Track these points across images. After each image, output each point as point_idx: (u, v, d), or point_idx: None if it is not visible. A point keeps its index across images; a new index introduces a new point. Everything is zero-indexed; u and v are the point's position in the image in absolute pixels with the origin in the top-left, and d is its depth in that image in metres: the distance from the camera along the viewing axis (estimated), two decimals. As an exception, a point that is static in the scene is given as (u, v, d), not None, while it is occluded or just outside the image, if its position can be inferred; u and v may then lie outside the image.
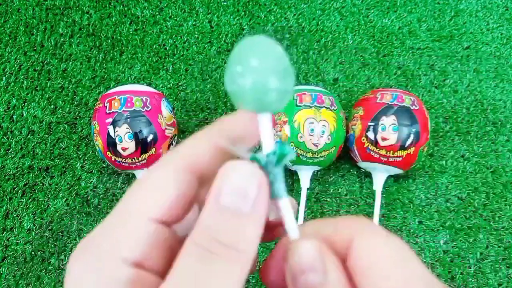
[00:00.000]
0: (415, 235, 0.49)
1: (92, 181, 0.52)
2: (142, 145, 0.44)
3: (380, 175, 0.48)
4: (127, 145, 0.44)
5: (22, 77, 0.57)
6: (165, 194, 0.15)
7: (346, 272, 0.15)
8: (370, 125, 0.46)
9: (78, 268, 0.14)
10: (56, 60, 0.58)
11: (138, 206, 0.15)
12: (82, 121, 0.55)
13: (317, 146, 0.45)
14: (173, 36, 0.60)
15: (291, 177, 0.52)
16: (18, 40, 0.59)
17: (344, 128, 0.48)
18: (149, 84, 0.56)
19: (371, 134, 0.46)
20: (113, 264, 0.14)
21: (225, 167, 0.15)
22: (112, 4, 0.62)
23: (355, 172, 0.52)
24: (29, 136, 0.54)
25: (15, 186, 0.52)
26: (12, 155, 0.53)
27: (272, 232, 0.18)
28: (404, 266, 0.14)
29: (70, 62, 0.58)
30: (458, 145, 0.53)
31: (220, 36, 0.59)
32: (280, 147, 0.16)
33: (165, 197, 0.15)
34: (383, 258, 0.15)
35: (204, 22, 0.60)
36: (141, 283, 0.14)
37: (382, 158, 0.46)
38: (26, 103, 0.56)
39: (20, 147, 0.53)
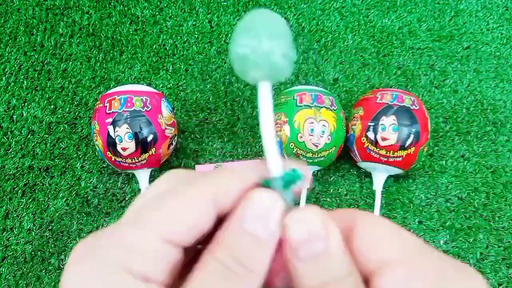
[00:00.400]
0: (415, 235, 0.49)
1: (92, 181, 0.52)
2: (142, 145, 0.44)
3: (380, 175, 0.48)
4: (127, 145, 0.44)
5: (22, 77, 0.57)
6: (188, 221, 0.16)
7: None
8: (370, 125, 0.46)
9: (78, 272, 0.14)
10: (56, 60, 0.58)
11: (158, 224, 0.15)
12: (82, 121, 0.55)
13: (317, 146, 0.45)
14: (173, 36, 0.60)
15: (291, 177, 0.52)
16: (18, 40, 0.59)
17: (344, 128, 0.48)
18: (149, 84, 0.56)
19: (371, 134, 0.46)
20: (120, 276, 0.14)
21: (252, 194, 0.16)
22: (112, 4, 0.62)
23: (355, 172, 0.52)
24: (29, 136, 0.54)
25: (15, 186, 0.52)
26: (12, 155, 0.53)
27: None
28: (402, 239, 0.17)
29: (70, 62, 0.58)
30: (458, 145, 0.53)
31: (220, 36, 0.59)
32: (289, 174, 0.17)
33: (187, 224, 0.16)
34: (384, 234, 0.17)
35: (204, 22, 0.60)
36: None
37: (382, 158, 0.46)
38: (26, 103, 0.56)
39: (20, 147, 0.53)
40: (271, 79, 0.17)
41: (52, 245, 0.49)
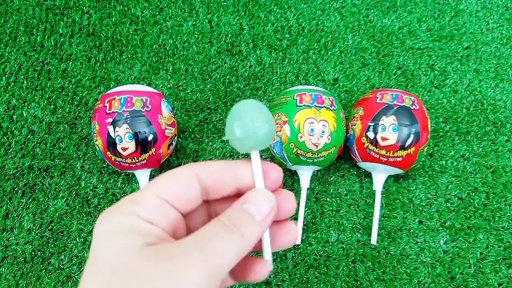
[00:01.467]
0: (415, 235, 0.49)
1: (92, 181, 0.52)
2: (142, 145, 0.44)
3: (380, 175, 0.48)
4: (127, 145, 0.44)
5: (22, 77, 0.57)
6: (175, 187, 0.21)
7: None
8: (370, 125, 0.46)
9: (103, 223, 0.20)
10: (56, 60, 0.58)
11: (155, 188, 0.21)
12: (82, 121, 0.55)
13: (317, 146, 0.45)
14: (173, 36, 0.60)
15: (291, 177, 0.52)
16: (18, 40, 0.59)
17: (344, 128, 0.48)
18: (149, 84, 0.56)
19: (371, 134, 0.46)
20: (131, 218, 0.20)
21: (255, 190, 0.22)
22: (112, 4, 0.62)
23: (355, 172, 0.52)
24: (29, 136, 0.54)
25: (15, 186, 0.52)
26: (12, 155, 0.53)
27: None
28: None
29: (70, 62, 0.58)
30: (458, 145, 0.53)
31: (220, 36, 0.59)
32: None
33: (175, 189, 0.21)
34: None
35: (204, 22, 0.60)
36: (151, 233, 0.20)
37: (382, 158, 0.46)
38: (26, 103, 0.56)
39: (20, 147, 0.53)
40: (258, 149, 0.23)
41: (52, 245, 0.49)
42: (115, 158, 0.45)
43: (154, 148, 0.45)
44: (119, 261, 0.18)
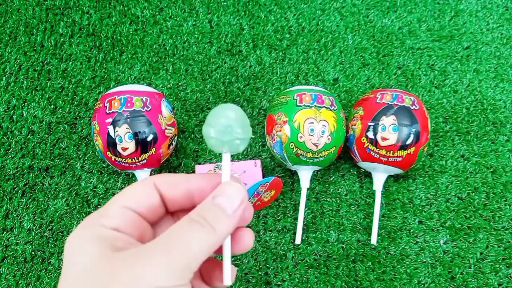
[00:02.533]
0: (415, 235, 0.49)
1: (92, 181, 0.52)
2: (142, 145, 0.44)
3: (380, 175, 0.48)
4: (127, 145, 0.44)
5: (22, 77, 0.57)
6: (136, 196, 0.23)
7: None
8: (370, 125, 0.46)
9: (73, 235, 0.21)
10: (56, 60, 0.58)
11: (118, 200, 0.23)
12: (82, 121, 0.55)
13: (317, 146, 0.45)
14: (173, 36, 0.60)
15: (291, 177, 0.52)
16: (18, 40, 0.59)
17: (344, 128, 0.48)
18: (149, 84, 0.56)
19: (371, 134, 0.46)
20: (97, 228, 0.21)
21: (226, 183, 0.23)
22: (112, 4, 0.62)
23: (355, 172, 0.52)
24: (29, 136, 0.54)
25: (15, 186, 0.52)
26: (12, 155, 0.53)
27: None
28: None
29: (70, 62, 0.58)
30: (458, 145, 0.53)
31: (220, 36, 0.59)
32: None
33: (136, 197, 0.23)
34: None
35: (204, 22, 0.60)
36: (117, 238, 0.21)
37: (382, 158, 0.46)
38: (26, 103, 0.56)
39: (20, 147, 0.53)
40: (228, 151, 0.24)
41: (52, 245, 0.49)
42: (115, 158, 0.45)
43: (154, 148, 0.45)
44: (88, 266, 0.20)
